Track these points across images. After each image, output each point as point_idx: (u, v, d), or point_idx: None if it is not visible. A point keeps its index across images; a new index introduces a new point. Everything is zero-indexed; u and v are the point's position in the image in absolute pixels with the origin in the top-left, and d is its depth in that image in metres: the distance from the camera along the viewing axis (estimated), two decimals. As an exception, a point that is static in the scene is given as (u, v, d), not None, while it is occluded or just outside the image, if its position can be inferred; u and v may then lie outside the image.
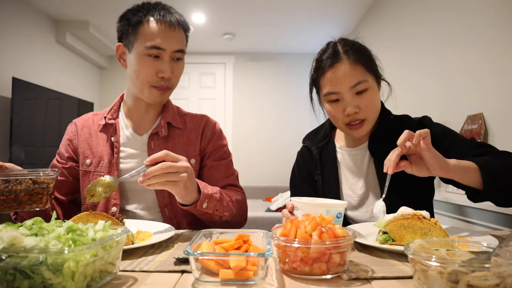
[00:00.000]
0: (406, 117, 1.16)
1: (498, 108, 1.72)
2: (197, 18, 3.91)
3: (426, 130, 0.84)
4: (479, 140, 1.73)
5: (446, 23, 2.20)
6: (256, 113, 5.06)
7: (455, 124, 2.01)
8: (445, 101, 2.19)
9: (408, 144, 0.84)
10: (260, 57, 5.07)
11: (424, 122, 1.11)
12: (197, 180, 0.98)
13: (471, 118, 1.89)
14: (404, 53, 2.80)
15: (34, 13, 3.63)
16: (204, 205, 0.98)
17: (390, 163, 0.85)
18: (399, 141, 0.85)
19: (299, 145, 1.29)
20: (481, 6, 1.86)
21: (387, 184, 0.89)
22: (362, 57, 1.04)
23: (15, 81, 3.10)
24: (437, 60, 2.30)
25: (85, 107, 4.26)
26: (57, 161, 1.21)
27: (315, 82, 1.11)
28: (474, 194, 0.94)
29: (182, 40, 1.12)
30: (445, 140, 1.04)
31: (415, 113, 1.24)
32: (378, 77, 1.09)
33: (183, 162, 0.88)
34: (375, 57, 1.10)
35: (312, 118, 1.24)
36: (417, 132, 0.84)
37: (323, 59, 1.06)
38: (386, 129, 1.11)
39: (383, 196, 0.89)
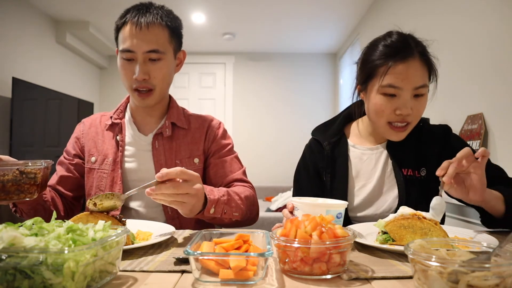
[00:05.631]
0: (424, 121, 1.13)
1: (498, 108, 1.72)
2: (197, 18, 3.91)
3: (488, 152, 0.83)
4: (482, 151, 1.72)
5: (446, 23, 2.20)
6: (256, 113, 5.06)
7: (455, 124, 2.01)
8: (445, 101, 2.18)
9: (464, 163, 0.81)
10: (260, 57, 5.07)
11: (448, 132, 1.10)
12: (203, 186, 0.95)
13: (471, 118, 1.89)
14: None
15: (34, 13, 3.63)
16: (211, 210, 0.96)
17: (448, 178, 0.79)
18: (459, 156, 0.81)
19: (299, 145, 1.27)
20: (481, 6, 1.86)
21: (441, 193, 0.84)
22: (430, 61, 1.01)
23: (15, 81, 3.10)
24: (437, 59, 2.29)
25: (85, 107, 4.26)
26: (64, 157, 1.24)
27: (375, 68, 1.00)
28: (489, 220, 0.96)
29: (156, 39, 1.08)
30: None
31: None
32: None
33: (196, 184, 0.84)
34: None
35: (312, 117, 1.24)
36: (483, 149, 0.82)
37: (392, 47, 0.98)
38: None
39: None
